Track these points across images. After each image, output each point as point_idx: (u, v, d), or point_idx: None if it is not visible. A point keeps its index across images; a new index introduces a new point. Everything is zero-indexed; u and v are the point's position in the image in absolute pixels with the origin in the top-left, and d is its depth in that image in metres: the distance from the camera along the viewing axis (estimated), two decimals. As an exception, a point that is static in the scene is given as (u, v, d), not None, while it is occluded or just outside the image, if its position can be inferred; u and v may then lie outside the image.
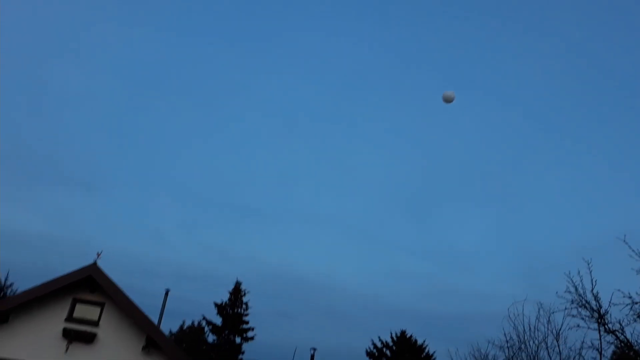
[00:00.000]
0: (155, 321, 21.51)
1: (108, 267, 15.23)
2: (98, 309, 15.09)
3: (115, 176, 63.00)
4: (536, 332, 14.80)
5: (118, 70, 62.76)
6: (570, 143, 57.74)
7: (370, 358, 35.42)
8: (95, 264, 15.18)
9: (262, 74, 65.64)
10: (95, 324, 14.84)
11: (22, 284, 30.32)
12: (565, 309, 12.25)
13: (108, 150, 63.02)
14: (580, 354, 12.79)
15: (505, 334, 15.62)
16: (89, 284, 15.18)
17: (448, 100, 12.07)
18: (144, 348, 14.60)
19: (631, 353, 11.81)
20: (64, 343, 14.44)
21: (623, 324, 11.35)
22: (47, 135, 59.97)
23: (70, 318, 14.81)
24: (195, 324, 36.85)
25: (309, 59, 63.71)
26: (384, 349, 35.40)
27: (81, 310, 15.04)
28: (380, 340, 35.62)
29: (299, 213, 66.53)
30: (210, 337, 33.58)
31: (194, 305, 49.38)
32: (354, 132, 67.55)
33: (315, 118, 67.70)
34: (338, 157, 68.88)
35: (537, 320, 14.72)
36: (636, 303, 10.75)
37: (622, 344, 11.65)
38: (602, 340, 11.81)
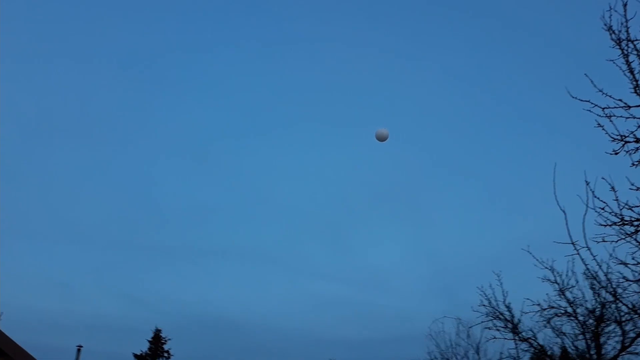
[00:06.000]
0: (69, 381, 20.11)
1: (10, 329, 14.13)
2: (2, 377, 13.88)
3: (10, 226, 58.88)
4: (457, 347, 15.29)
5: (8, 113, 59.28)
6: (474, 159, 60.82)
7: (301, 392, 34.93)
8: (-5, 327, 14.02)
9: (164, 105, 64.11)
10: (0, 393, 13.63)
11: None
12: (482, 322, 12.69)
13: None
14: (499, 365, 13.26)
15: (429, 353, 16.00)
16: (-10, 350, 13.96)
17: (381, 138, 11.40)
18: (56, 413, 13.55)
19: (546, 358, 12.38)
20: (-37, 419, 13.13)
21: (535, 331, 11.91)
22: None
23: (-31, 390, 13.52)
24: (115, 378, 34.86)
25: (215, 87, 63.11)
26: (315, 381, 35.11)
27: (-18, 380, 13.77)
28: (310, 372, 35.32)
29: (215, 249, 64.81)
30: (133, 392, 31.92)
31: (110, 358, 46.75)
32: (267, 161, 67.51)
33: (226, 149, 66.91)
34: (251, 188, 68.32)
35: (457, 336, 15.23)
36: (544, 309, 11.31)
37: (537, 350, 12.20)
38: (518, 348, 12.32)
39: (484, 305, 12.61)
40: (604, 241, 6.11)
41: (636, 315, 9.92)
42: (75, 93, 58.76)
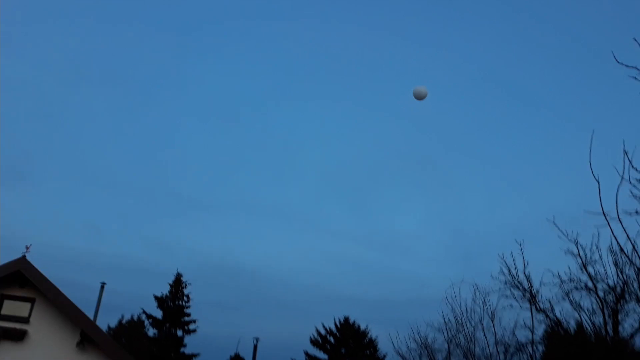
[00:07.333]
0: (91, 316, 20.81)
1: (39, 262, 14.53)
2: (28, 305, 14.38)
3: (45, 167, 60.34)
4: (472, 313, 15.30)
5: (48, 58, 59.90)
6: (502, 128, 59.82)
7: (314, 345, 35.66)
8: (24, 257, 14.45)
9: (198, 60, 64.26)
10: (26, 320, 14.15)
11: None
12: (499, 289, 12.66)
13: (37, 141, 60.13)
14: (513, 333, 13.28)
15: (443, 317, 16.07)
16: (18, 279, 14.44)
17: (420, 97, 11.16)
18: (78, 344, 14.04)
19: (561, 330, 12.32)
20: (-8, 342, 13.71)
21: (553, 303, 11.84)
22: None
23: (-3, 315, 14.07)
24: (135, 318, 35.94)
25: (248, 46, 62.86)
26: (328, 336, 35.72)
27: (10, 307, 14.30)
28: (324, 327, 35.91)
29: (241, 203, 65.94)
30: (151, 331, 32.90)
31: (133, 299, 48.30)
32: (294, 119, 67.49)
33: (255, 106, 67.06)
34: (278, 145, 68.61)
35: (473, 302, 15.22)
36: (564, 282, 11.21)
37: (552, 322, 12.14)
38: (534, 319, 12.30)
39: (502, 273, 12.57)
40: (638, 213, 5.93)
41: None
42: (117, 49, 59.23)
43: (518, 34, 56.20)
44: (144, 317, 33.41)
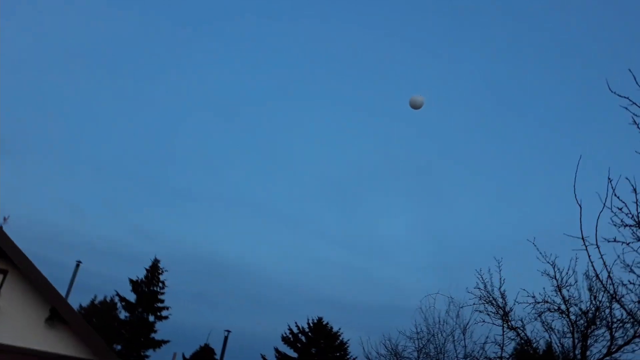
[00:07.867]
0: (64, 294, 20.62)
1: (16, 236, 14.35)
2: (0, 277, 14.20)
3: (33, 144, 59.66)
4: (445, 325, 15.39)
5: (44, 34, 59.11)
6: (498, 141, 60.26)
7: (285, 343, 35.68)
8: (0, 228, 14.25)
9: (196, 53, 63.87)
10: (-4, 292, 13.97)
11: None
12: (474, 304, 12.71)
13: (27, 117, 59.32)
14: (483, 349, 13.35)
15: (416, 326, 16.14)
16: (-9, 250, 14.24)
17: (416, 106, 10.92)
18: (47, 320, 13.89)
19: (530, 350, 12.42)
20: (-42, 310, 13.52)
21: (525, 322, 11.92)
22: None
23: (-33, 284, 13.87)
24: (108, 299, 35.70)
25: (245, 44, 62.66)
26: (300, 335, 35.74)
27: (-20, 277, 14.10)
28: (297, 325, 35.92)
29: (229, 198, 65.88)
30: (123, 314, 32.72)
31: (109, 280, 48.04)
32: (288, 119, 67.36)
33: (250, 103, 66.89)
34: (270, 143, 68.49)
35: (447, 314, 15.30)
36: (538, 302, 11.28)
37: (523, 341, 12.23)
38: (505, 336, 12.36)
39: (478, 288, 12.61)
40: (616, 241, 5.99)
41: (629, 323, 9.86)
42: (115, 33, 58.67)
43: (520, 49, 56.64)
44: (117, 299, 33.22)
